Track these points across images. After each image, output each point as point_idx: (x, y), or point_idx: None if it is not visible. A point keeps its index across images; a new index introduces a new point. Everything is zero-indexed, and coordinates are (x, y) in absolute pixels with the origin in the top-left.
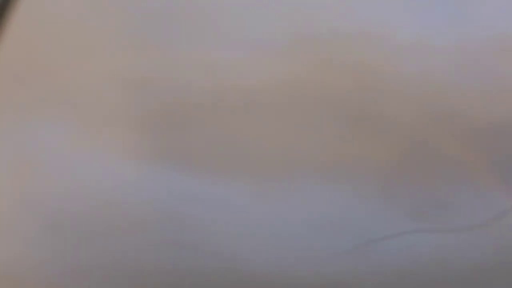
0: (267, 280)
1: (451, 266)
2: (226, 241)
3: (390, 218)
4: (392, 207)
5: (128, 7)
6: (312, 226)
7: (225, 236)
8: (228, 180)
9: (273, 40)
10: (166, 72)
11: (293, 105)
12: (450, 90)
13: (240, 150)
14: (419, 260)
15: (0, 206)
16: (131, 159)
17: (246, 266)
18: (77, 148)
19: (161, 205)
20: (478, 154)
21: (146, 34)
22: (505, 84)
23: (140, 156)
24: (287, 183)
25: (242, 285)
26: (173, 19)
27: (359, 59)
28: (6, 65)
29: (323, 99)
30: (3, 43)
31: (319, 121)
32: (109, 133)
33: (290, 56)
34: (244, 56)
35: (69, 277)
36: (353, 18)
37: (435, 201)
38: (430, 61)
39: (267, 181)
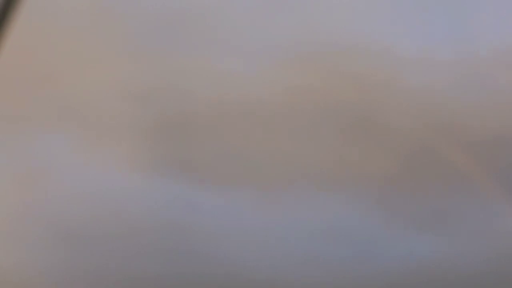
0: None
1: (451, 274)
2: (228, 249)
3: (390, 226)
4: (393, 216)
5: (130, 16)
6: (313, 234)
7: (227, 245)
8: (230, 189)
9: (276, 51)
10: (170, 82)
11: (295, 116)
12: (451, 101)
13: (243, 160)
14: (419, 269)
15: (4, 215)
16: (134, 168)
17: (248, 274)
18: (79, 158)
19: (164, 214)
20: (479, 164)
21: (149, 43)
22: (506, 96)
23: (143, 165)
24: (290, 193)
25: None
26: (176, 29)
27: (361, 71)
28: (7, 74)
29: (325, 111)
30: (4, 52)
31: (321, 132)
32: (112, 143)
33: (293, 67)
34: (247, 67)
35: (72, 285)
36: (355, 31)
37: (435, 209)
38: (432, 73)
39: (270, 190)
